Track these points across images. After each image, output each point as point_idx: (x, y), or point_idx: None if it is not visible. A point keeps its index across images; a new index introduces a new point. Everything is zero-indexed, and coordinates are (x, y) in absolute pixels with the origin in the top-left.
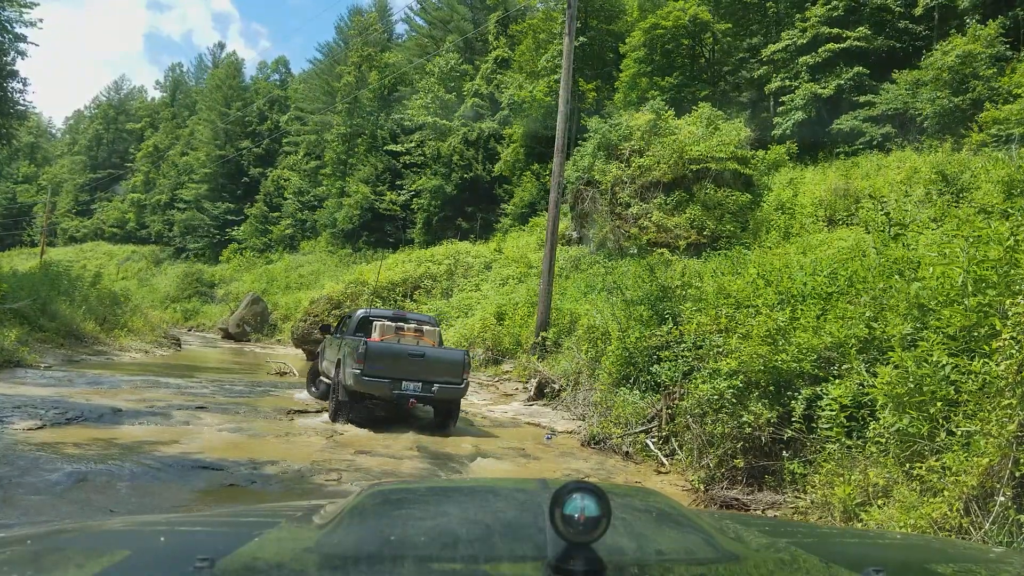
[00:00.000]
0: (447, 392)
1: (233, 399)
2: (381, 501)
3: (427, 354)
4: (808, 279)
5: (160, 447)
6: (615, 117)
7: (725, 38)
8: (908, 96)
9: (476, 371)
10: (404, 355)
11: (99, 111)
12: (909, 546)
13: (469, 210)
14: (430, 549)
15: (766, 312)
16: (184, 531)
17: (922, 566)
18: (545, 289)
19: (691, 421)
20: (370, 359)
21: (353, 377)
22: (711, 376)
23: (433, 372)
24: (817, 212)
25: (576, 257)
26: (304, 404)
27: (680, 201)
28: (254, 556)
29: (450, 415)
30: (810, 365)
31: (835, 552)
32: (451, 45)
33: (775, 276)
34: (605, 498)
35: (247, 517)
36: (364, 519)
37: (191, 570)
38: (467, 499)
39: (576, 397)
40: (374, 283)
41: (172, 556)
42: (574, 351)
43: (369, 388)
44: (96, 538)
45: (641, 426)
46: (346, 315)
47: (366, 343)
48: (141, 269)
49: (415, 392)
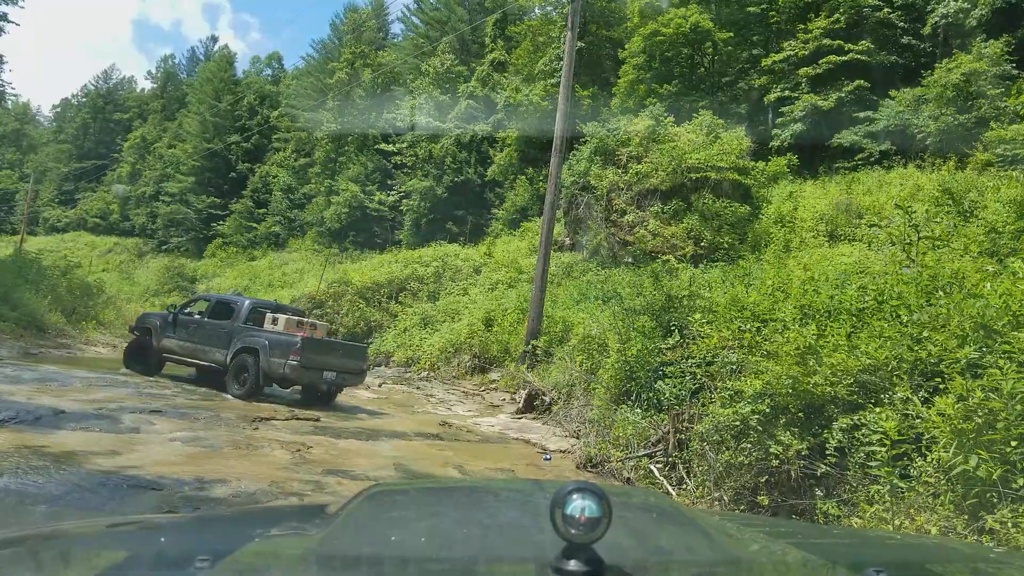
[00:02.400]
0: (354, 380)
1: (195, 402)
2: (381, 501)
3: (344, 348)
4: (834, 292)
5: (96, 459)
6: (613, 122)
7: (726, 47)
8: (909, 113)
9: (461, 379)
10: (330, 349)
11: (88, 100)
12: (909, 546)
13: (459, 213)
14: (430, 549)
15: (796, 328)
16: (184, 531)
17: (922, 566)
18: (537, 295)
19: (707, 448)
20: (306, 352)
21: (289, 367)
22: (732, 399)
23: (347, 363)
24: (818, 227)
25: (568, 264)
26: (272, 411)
27: (677, 210)
28: (254, 556)
29: (337, 395)
30: (845, 390)
31: (836, 552)
32: (447, 46)
33: (797, 289)
34: (606, 498)
35: (247, 517)
36: (364, 519)
37: (192, 570)
38: (467, 499)
39: (569, 412)
40: (318, 289)
41: (173, 556)
42: (567, 362)
43: (301, 376)
44: (96, 539)
45: (644, 449)
46: (216, 299)
47: (303, 338)
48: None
49: (333, 380)
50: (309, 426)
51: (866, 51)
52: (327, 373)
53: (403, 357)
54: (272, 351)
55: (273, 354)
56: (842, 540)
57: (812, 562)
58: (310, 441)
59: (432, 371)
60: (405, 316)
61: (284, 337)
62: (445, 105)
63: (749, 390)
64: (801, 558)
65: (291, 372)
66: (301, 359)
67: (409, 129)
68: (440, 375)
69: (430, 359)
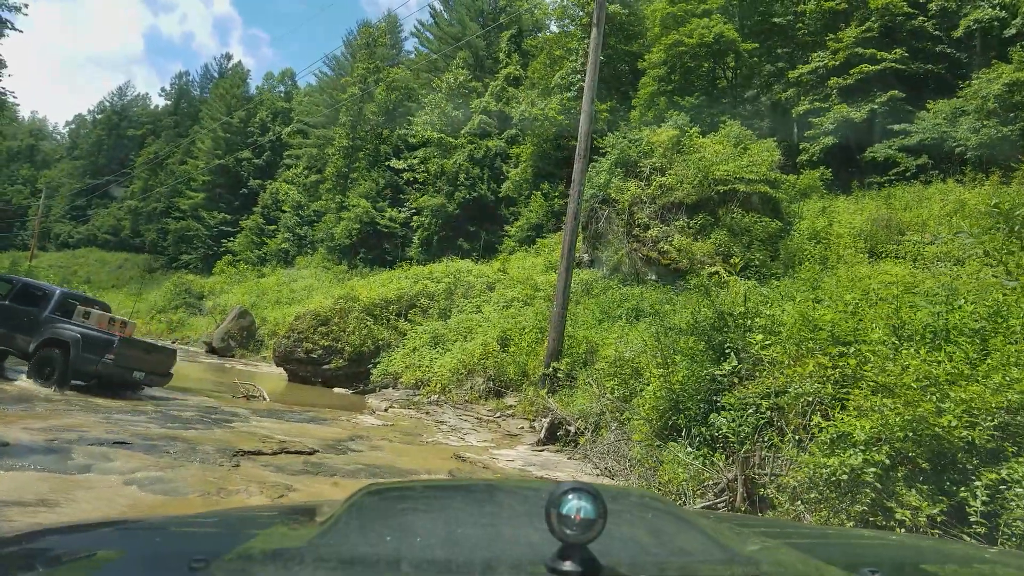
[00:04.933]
0: (160, 380)
1: (171, 431)
2: (378, 500)
3: (156, 350)
4: (942, 310)
5: (12, 514)
6: (634, 133)
7: (751, 59)
8: (947, 125)
9: (475, 403)
10: (143, 349)
11: (103, 117)
12: (904, 546)
13: (472, 230)
14: (426, 549)
15: (923, 354)
16: (180, 532)
17: (917, 566)
18: (558, 313)
19: (801, 508)
20: (122, 351)
21: (103, 365)
22: (832, 444)
23: (158, 365)
24: (856, 243)
25: (588, 281)
26: (260, 441)
27: (704, 224)
28: (249, 556)
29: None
30: (986, 434)
31: (831, 553)
32: (462, 61)
33: (886, 307)
34: (601, 499)
35: (243, 518)
36: (361, 519)
37: (187, 571)
38: (464, 499)
39: (600, 445)
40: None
41: (168, 557)
42: (593, 387)
43: (113, 375)
44: (93, 539)
45: (702, 499)
46: (23, 283)
47: (120, 338)
48: (133, 278)
49: (142, 380)
50: (300, 462)
51: (900, 59)
52: (137, 372)
53: (412, 378)
54: (85, 346)
55: (86, 349)
56: (837, 540)
57: (807, 562)
58: (298, 483)
59: (443, 394)
60: (415, 334)
61: (99, 333)
62: (458, 121)
63: (860, 434)
64: (796, 558)
65: (104, 369)
66: (117, 358)
67: (421, 145)
68: (452, 399)
69: (441, 381)
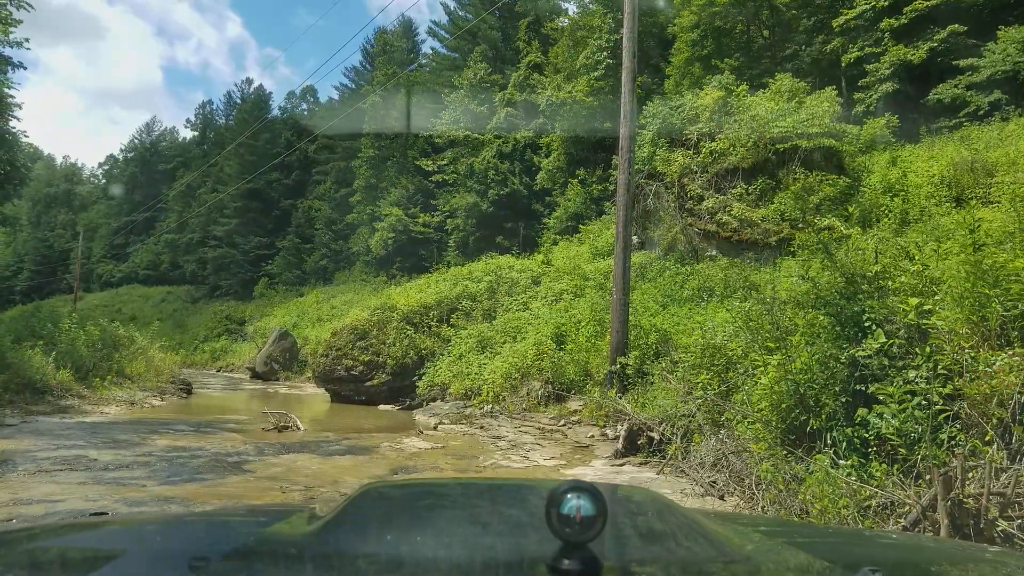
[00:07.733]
0: None
1: (169, 488)
2: (377, 500)
3: None
4: None
5: None
6: (675, 99)
7: (788, 12)
8: (1019, 55)
9: (533, 411)
10: None
11: (135, 154)
12: (905, 546)
13: (508, 226)
14: (426, 548)
15: None
16: (180, 530)
17: (918, 566)
18: (619, 300)
19: None
20: None
21: None
22: None
23: None
24: (939, 192)
25: (641, 264)
26: (281, 491)
27: (764, 189)
28: (249, 555)
29: None
30: None
31: (832, 552)
32: (480, 55)
33: None
34: (601, 498)
35: (242, 517)
36: (360, 517)
37: (187, 569)
38: (463, 498)
39: (697, 456)
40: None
41: (168, 555)
42: (673, 383)
43: None
44: (94, 538)
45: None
46: None
47: None
48: (176, 310)
49: None
50: None
51: None
52: None
53: (461, 388)
54: None
55: None
56: (838, 539)
57: (808, 561)
58: None
59: (496, 404)
60: (459, 340)
61: None
62: (482, 116)
63: None
64: (797, 557)
65: None
66: None
67: (448, 145)
68: (507, 408)
69: (492, 389)
